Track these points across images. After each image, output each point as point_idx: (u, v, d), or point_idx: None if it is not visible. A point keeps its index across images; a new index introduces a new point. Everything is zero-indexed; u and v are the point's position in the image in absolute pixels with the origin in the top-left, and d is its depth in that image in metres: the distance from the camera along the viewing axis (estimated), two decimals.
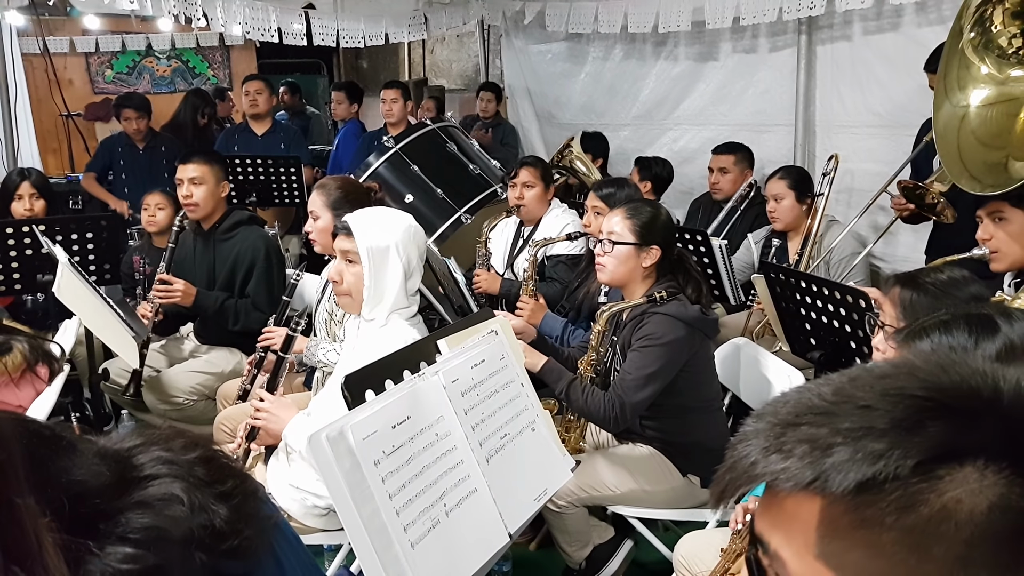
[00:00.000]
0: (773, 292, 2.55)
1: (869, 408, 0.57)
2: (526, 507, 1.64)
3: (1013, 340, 1.11)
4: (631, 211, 2.32)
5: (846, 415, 0.57)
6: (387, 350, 1.80)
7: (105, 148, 5.05)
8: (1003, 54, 2.27)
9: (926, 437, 0.55)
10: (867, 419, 0.56)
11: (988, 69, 2.30)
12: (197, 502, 0.94)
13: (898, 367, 0.60)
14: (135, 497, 0.91)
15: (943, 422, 0.55)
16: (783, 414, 0.60)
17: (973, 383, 0.57)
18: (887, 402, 0.57)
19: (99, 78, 6.86)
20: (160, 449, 0.97)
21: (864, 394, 0.58)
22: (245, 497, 0.98)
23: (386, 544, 1.31)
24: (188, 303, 3.08)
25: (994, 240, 2.23)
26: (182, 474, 0.95)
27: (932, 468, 0.55)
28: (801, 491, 0.57)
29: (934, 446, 0.55)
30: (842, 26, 3.82)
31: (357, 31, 5.12)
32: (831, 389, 0.60)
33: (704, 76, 4.61)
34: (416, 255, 2.11)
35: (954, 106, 2.32)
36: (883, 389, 0.58)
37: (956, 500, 0.54)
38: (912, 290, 1.62)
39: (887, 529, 0.55)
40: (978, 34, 2.29)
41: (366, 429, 1.35)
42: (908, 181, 2.92)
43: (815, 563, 0.58)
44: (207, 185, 3.16)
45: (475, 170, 4.02)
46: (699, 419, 2.28)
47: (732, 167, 3.99)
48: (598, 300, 2.89)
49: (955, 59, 2.33)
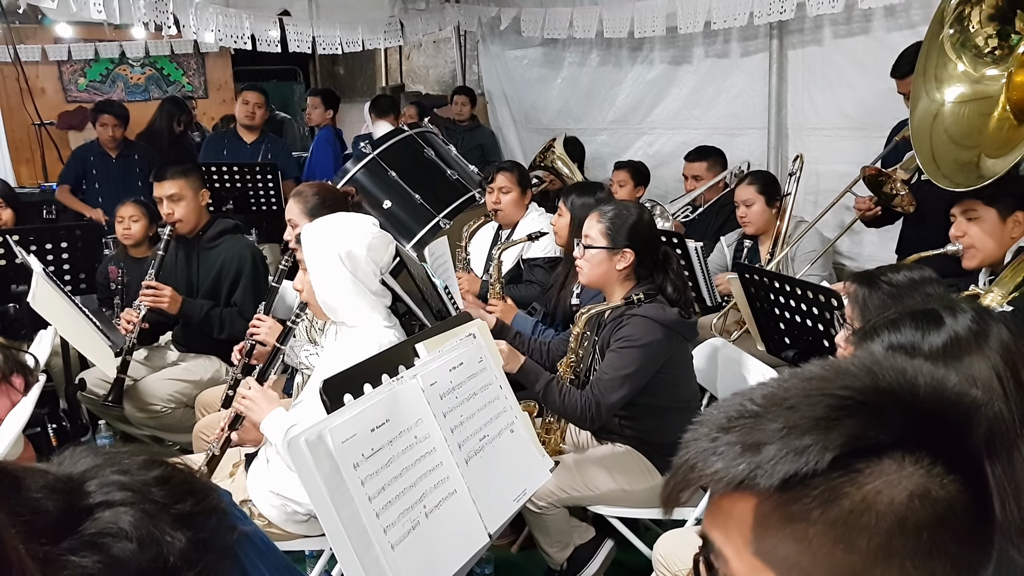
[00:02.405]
0: (748, 292, 2.59)
1: (793, 408, 0.60)
2: (506, 507, 1.66)
3: (958, 332, 1.13)
4: (603, 215, 2.34)
5: (774, 416, 0.60)
6: (360, 353, 1.81)
7: (77, 158, 5.00)
8: (979, 53, 2.32)
9: (841, 432, 0.58)
10: (791, 419, 0.59)
11: (964, 67, 2.35)
12: (147, 534, 0.89)
13: (826, 369, 0.63)
14: (82, 533, 0.87)
15: (857, 417, 0.58)
16: (718, 419, 0.63)
17: (890, 380, 0.60)
18: (809, 402, 0.60)
19: (72, 86, 6.79)
20: (116, 472, 0.93)
21: (791, 396, 0.61)
22: (206, 515, 0.95)
23: (366, 546, 1.32)
24: (175, 310, 3.06)
25: (967, 237, 2.28)
26: (135, 500, 0.91)
27: (851, 462, 0.58)
28: (735, 490, 0.60)
29: (849, 440, 0.57)
30: (813, 30, 3.89)
31: (333, 38, 5.11)
32: (763, 393, 0.63)
33: (678, 80, 4.66)
34: (367, 257, 2.06)
35: (930, 100, 2.37)
36: (807, 390, 0.61)
37: (876, 491, 0.57)
38: (867, 288, 1.65)
39: (813, 523, 0.58)
40: (956, 31, 2.33)
41: (345, 432, 1.36)
42: (872, 168, 2.95)
43: (753, 560, 0.61)
44: (186, 199, 3.14)
45: (453, 175, 4.02)
46: (677, 419, 2.31)
47: (705, 173, 4.03)
48: (570, 302, 2.92)
49: (934, 52, 2.37)
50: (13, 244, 2.94)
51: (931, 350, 1.13)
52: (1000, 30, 2.27)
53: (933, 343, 1.14)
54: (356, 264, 2.05)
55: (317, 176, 5.07)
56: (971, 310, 1.17)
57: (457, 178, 4.03)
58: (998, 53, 2.29)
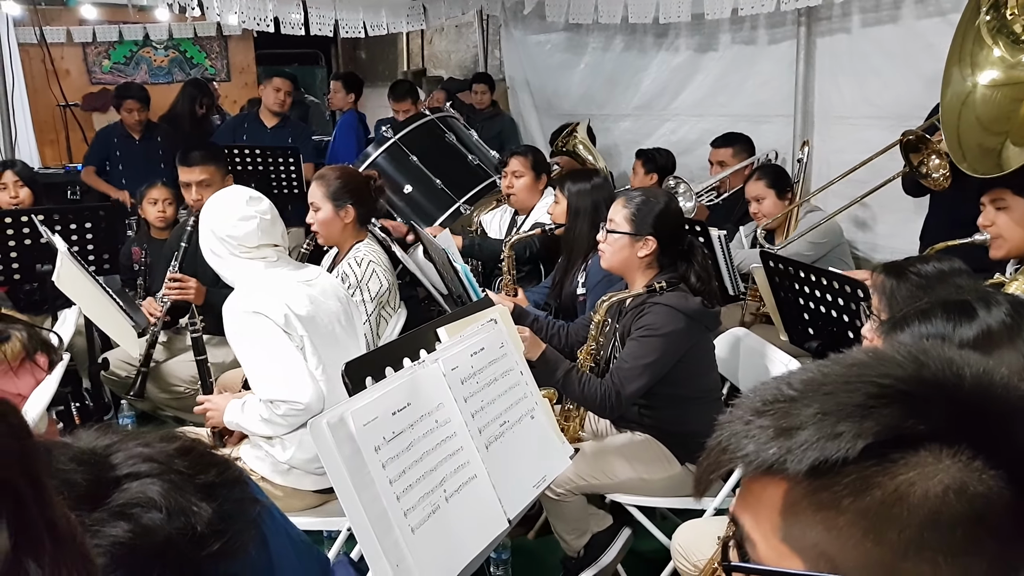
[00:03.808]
0: (772, 282, 2.56)
1: (831, 395, 0.58)
2: (525, 493, 1.65)
3: (991, 325, 1.11)
4: (630, 200, 2.32)
5: (810, 401, 0.59)
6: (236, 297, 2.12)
7: (101, 140, 5.04)
8: (1016, 40, 2.29)
9: (878, 421, 0.56)
10: (827, 405, 0.58)
11: (1000, 52, 2.32)
12: (175, 504, 0.90)
13: (869, 355, 0.62)
14: (111, 504, 0.88)
15: (896, 407, 0.57)
16: (754, 403, 0.62)
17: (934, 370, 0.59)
18: (848, 388, 0.58)
19: (96, 68, 6.83)
20: (138, 444, 0.94)
21: (829, 382, 0.60)
22: (230, 486, 0.96)
23: (386, 529, 1.32)
24: (199, 302, 3.05)
25: (995, 226, 2.24)
26: (162, 470, 0.92)
27: (886, 452, 0.56)
28: (765, 474, 0.59)
29: (885, 429, 0.56)
30: (840, 18, 3.82)
31: (356, 21, 5.10)
32: (802, 378, 0.61)
33: (703, 67, 4.60)
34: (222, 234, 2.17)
35: (963, 80, 2.34)
36: (847, 376, 0.59)
37: (909, 483, 0.55)
38: (894, 279, 1.63)
39: (843, 511, 0.57)
40: (994, 17, 2.31)
41: (367, 415, 1.36)
42: (916, 131, 2.88)
43: (780, 546, 0.60)
44: (215, 185, 3.12)
45: (474, 160, 4.02)
46: (697, 409, 2.29)
47: (730, 159, 3.99)
48: (576, 292, 2.91)
49: (971, 35, 2.35)
50: (39, 224, 2.97)
51: (961, 342, 1.11)
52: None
53: (964, 335, 1.12)
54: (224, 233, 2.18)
55: (340, 160, 5.08)
56: (1007, 303, 1.15)
57: (478, 163, 4.02)
58: None
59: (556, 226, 3.10)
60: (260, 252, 2.21)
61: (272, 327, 2.08)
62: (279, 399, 2.06)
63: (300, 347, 2.12)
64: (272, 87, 4.81)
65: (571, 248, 3.00)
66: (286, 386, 2.06)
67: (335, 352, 2.21)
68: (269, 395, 2.07)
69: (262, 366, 2.09)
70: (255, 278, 2.19)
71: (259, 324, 2.08)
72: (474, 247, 3.44)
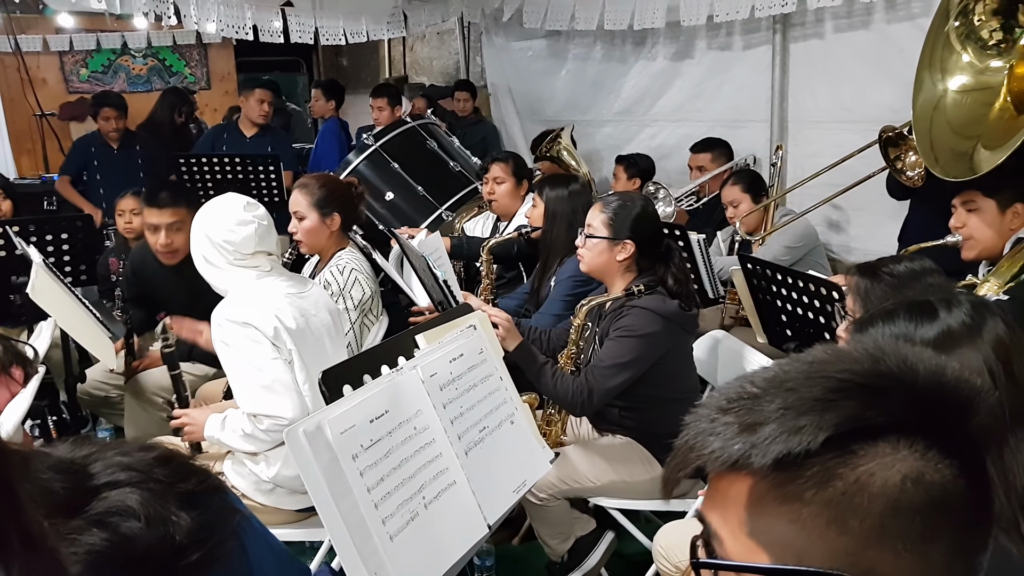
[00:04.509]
0: (750, 285, 2.59)
1: (792, 390, 0.60)
2: (505, 499, 1.66)
3: (951, 326, 1.14)
4: (607, 205, 2.34)
5: (772, 397, 0.60)
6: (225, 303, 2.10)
7: (78, 149, 4.99)
8: (984, 45, 2.35)
9: (837, 413, 0.58)
10: (789, 400, 0.59)
11: (969, 57, 2.37)
12: (154, 513, 0.89)
13: (828, 352, 0.63)
14: (90, 513, 0.87)
15: (855, 399, 0.58)
16: (719, 401, 0.63)
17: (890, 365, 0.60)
18: (809, 383, 0.60)
19: (73, 77, 6.78)
20: (117, 454, 0.94)
21: (791, 378, 0.61)
22: (210, 495, 0.96)
23: (365, 537, 1.32)
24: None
25: (966, 228, 2.28)
26: (141, 479, 0.91)
27: (846, 443, 0.58)
28: (731, 470, 0.61)
29: (844, 421, 0.58)
30: (814, 23, 3.87)
31: (336, 29, 5.10)
32: (764, 376, 0.63)
33: (681, 73, 4.64)
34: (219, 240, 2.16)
35: (934, 86, 2.38)
36: (808, 372, 0.61)
37: (869, 473, 0.57)
38: (868, 279, 1.66)
39: (807, 503, 0.58)
40: (962, 24, 2.37)
41: (344, 423, 1.36)
42: (895, 127, 2.92)
43: (747, 540, 0.61)
44: (187, 227, 2.75)
45: (455, 167, 4.03)
46: (678, 410, 2.25)
47: (709, 164, 4.03)
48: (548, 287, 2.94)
49: (940, 41, 2.40)
50: (13, 235, 2.94)
51: (923, 342, 1.14)
52: (1004, 24, 2.30)
53: (925, 335, 1.14)
54: (213, 243, 2.17)
55: (322, 168, 5.07)
56: (967, 303, 1.17)
57: (460, 170, 4.03)
58: (1003, 47, 2.30)
59: (532, 229, 3.12)
60: (254, 260, 2.19)
61: (260, 338, 2.05)
62: (263, 413, 2.03)
63: (288, 360, 2.09)
64: (256, 98, 4.77)
65: (548, 252, 3.03)
66: (271, 400, 2.03)
67: (322, 365, 2.18)
68: (253, 409, 2.04)
69: (247, 378, 2.06)
70: (247, 287, 2.16)
71: (247, 335, 2.05)
72: (462, 247, 3.45)
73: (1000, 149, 2.08)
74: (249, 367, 2.05)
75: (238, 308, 2.09)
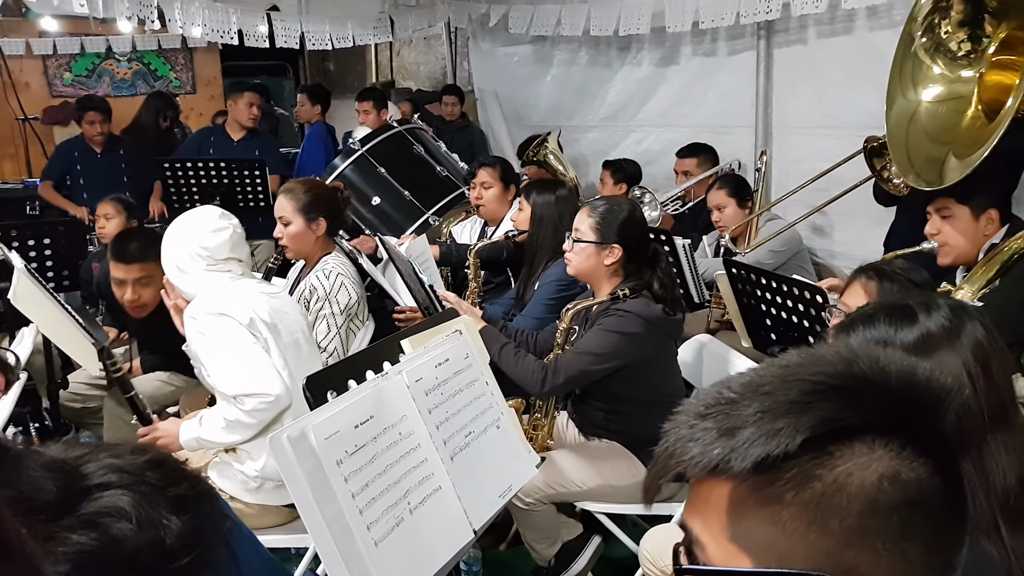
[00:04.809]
0: (735, 289, 2.60)
1: (768, 394, 0.61)
2: (491, 504, 1.66)
3: (930, 329, 1.15)
4: (594, 209, 2.35)
5: (749, 402, 0.61)
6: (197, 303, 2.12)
7: (61, 154, 4.95)
8: (954, 57, 2.37)
9: (813, 415, 0.59)
10: (765, 403, 0.60)
11: (941, 69, 2.40)
12: (145, 516, 0.89)
13: (803, 356, 0.64)
14: (82, 512, 0.87)
15: (830, 401, 0.59)
16: (697, 408, 0.64)
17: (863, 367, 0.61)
18: (784, 387, 0.61)
19: (57, 81, 6.72)
20: (110, 455, 0.94)
21: (767, 382, 0.62)
22: (201, 500, 0.96)
23: (349, 544, 1.32)
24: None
25: (941, 235, 2.31)
26: (133, 482, 0.91)
27: (823, 445, 0.59)
28: (711, 475, 0.61)
29: (820, 423, 0.58)
30: (798, 30, 3.90)
31: (322, 33, 5.09)
32: (741, 381, 0.64)
33: (667, 79, 4.67)
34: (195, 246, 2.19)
35: (907, 101, 2.41)
36: (783, 376, 0.62)
37: (847, 474, 0.58)
38: (887, 280, 1.70)
39: (787, 505, 0.59)
40: (929, 39, 2.39)
41: (328, 429, 1.36)
42: (877, 139, 2.95)
43: (729, 545, 0.62)
44: (156, 282, 2.66)
45: (442, 172, 4.03)
46: (662, 413, 2.27)
47: (695, 169, 4.05)
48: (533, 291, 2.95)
49: (908, 61, 2.43)
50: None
51: (903, 345, 1.15)
52: (971, 34, 2.33)
53: (905, 338, 1.15)
54: (188, 254, 2.20)
55: (308, 172, 5.05)
56: (946, 307, 1.19)
57: (446, 175, 4.03)
58: (972, 57, 2.34)
59: (518, 232, 3.12)
60: (227, 265, 2.22)
61: (237, 326, 2.09)
62: (246, 393, 2.05)
63: (265, 348, 2.13)
64: (245, 101, 4.74)
65: (533, 256, 3.03)
66: (254, 379, 2.05)
67: (299, 361, 2.21)
68: (236, 390, 2.06)
69: (228, 362, 2.08)
70: (221, 286, 2.19)
71: (223, 324, 2.09)
72: (451, 254, 3.45)
73: (970, 158, 2.10)
74: (228, 351, 2.08)
75: (213, 301, 2.13)
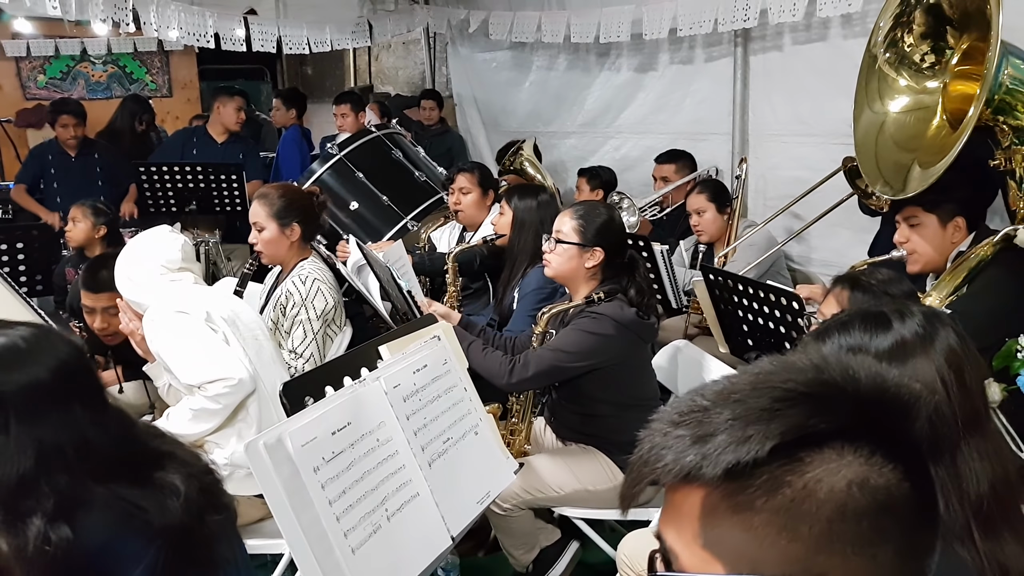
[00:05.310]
0: (712, 294, 2.63)
1: (740, 401, 0.61)
2: (469, 510, 1.66)
3: (905, 336, 1.17)
4: (576, 212, 2.37)
5: (722, 409, 0.61)
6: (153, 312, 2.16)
7: (35, 157, 4.88)
8: (918, 69, 2.41)
9: (783, 422, 0.59)
10: (737, 411, 0.61)
11: (906, 81, 2.44)
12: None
13: (775, 364, 0.65)
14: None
15: (800, 408, 0.60)
16: (671, 415, 0.64)
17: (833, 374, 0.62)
18: (756, 394, 0.61)
19: (31, 83, 6.63)
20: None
21: (739, 390, 0.63)
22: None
23: (326, 551, 1.31)
24: None
25: (910, 243, 2.35)
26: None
27: (793, 451, 0.59)
28: (684, 482, 0.62)
29: (790, 429, 0.59)
30: (774, 37, 3.94)
31: (300, 37, 5.06)
32: (714, 389, 0.64)
33: (645, 86, 4.69)
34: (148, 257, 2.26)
35: (875, 113, 2.44)
36: (754, 384, 0.63)
37: (816, 480, 0.59)
38: (860, 290, 1.71)
39: (758, 512, 0.59)
40: (893, 54, 2.43)
41: (305, 436, 1.35)
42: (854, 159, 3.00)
43: (702, 552, 0.62)
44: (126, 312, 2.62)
45: (421, 177, 4.02)
46: (637, 417, 2.30)
47: (673, 175, 4.08)
48: (513, 303, 2.96)
49: (873, 76, 2.47)
50: None
51: (878, 352, 1.16)
52: (935, 45, 2.36)
53: (880, 345, 1.17)
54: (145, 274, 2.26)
55: (283, 176, 5.02)
56: (920, 314, 1.20)
57: (425, 180, 4.03)
58: (936, 68, 2.38)
59: (497, 236, 3.12)
60: (180, 274, 2.28)
61: (195, 320, 2.14)
62: (209, 380, 2.08)
63: (225, 340, 2.18)
64: (234, 106, 4.69)
65: (514, 261, 3.04)
66: (215, 366, 2.09)
67: (261, 356, 2.25)
68: (199, 379, 2.09)
69: (188, 354, 2.12)
70: (175, 293, 2.24)
71: (181, 320, 2.14)
72: (424, 263, 3.44)
73: (934, 167, 2.13)
74: (188, 343, 2.13)
75: (169, 302, 2.18)
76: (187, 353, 2.12)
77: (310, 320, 2.65)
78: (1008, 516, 1.09)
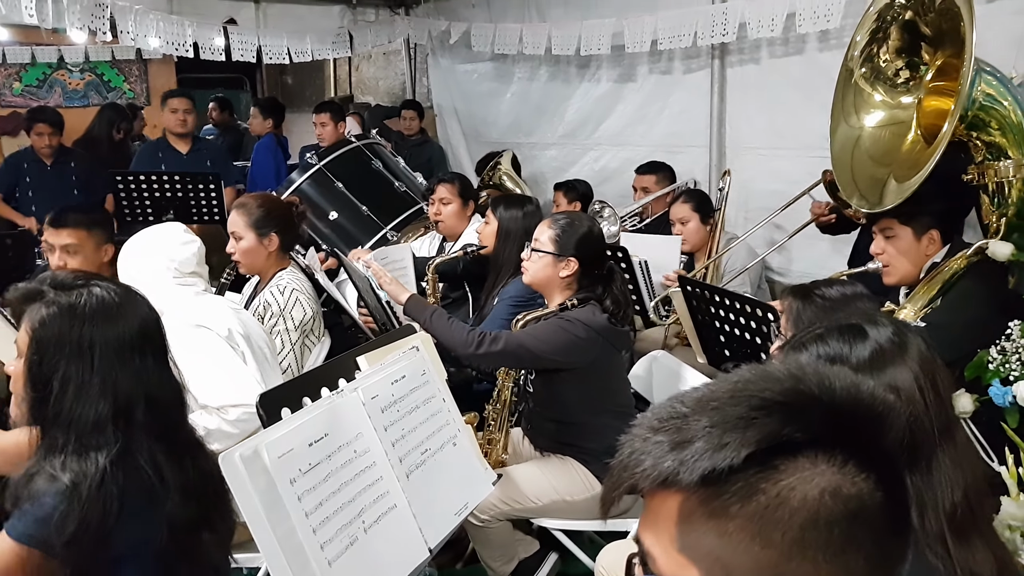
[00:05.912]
0: (690, 305, 2.64)
1: (718, 409, 0.62)
2: (447, 522, 1.65)
3: (881, 343, 1.18)
4: (555, 222, 2.39)
5: (700, 416, 0.63)
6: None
7: (10, 165, 4.83)
8: (893, 84, 2.45)
9: (759, 430, 0.61)
10: (715, 418, 0.62)
11: (882, 96, 2.47)
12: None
13: (753, 372, 0.66)
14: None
15: (775, 416, 0.61)
16: (651, 421, 0.65)
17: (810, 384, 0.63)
18: (733, 402, 0.62)
19: (6, 91, 6.56)
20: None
21: (717, 398, 0.64)
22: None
23: (303, 564, 1.30)
24: None
25: (885, 255, 2.38)
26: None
27: (768, 459, 0.60)
28: (662, 487, 0.63)
29: (765, 437, 0.60)
30: (752, 50, 3.99)
31: (280, 47, 5.05)
32: (693, 396, 0.65)
33: (624, 98, 4.73)
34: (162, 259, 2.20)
35: (851, 127, 2.47)
36: (732, 392, 0.64)
37: (790, 487, 0.60)
38: (801, 301, 1.71)
39: (732, 518, 0.60)
40: (868, 69, 2.46)
41: (282, 447, 1.34)
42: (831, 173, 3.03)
43: (678, 556, 0.63)
44: (83, 254, 2.61)
45: (400, 187, 4.02)
46: (612, 424, 2.33)
47: (654, 186, 4.11)
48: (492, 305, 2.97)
49: (849, 91, 2.50)
50: None
51: (859, 361, 1.18)
52: (909, 61, 2.40)
53: (860, 354, 1.18)
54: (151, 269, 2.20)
55: (258, 184, 4.99)
56: (891, 324, 1.22)
57: (405, 190, 4.03)
58: (911, 83, 2.41)
59: (480, 247, 3.13)
60: (191, 279, 2.23)
61: (216, 338, 2.09)
62: (230, 403, 2.02)
63: (243, 360, 2.14)
64: (168, 108, 4.54)
65: (498, 270, 3.04)
66: (237, 391, 2.03)
67: (267, 375, 2.22)
68: (219, 401, 2.03)
69: (209, 374, 2.04)
70: (189, 301, 2.19)
71: (203, 336, 2.08)
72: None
73: (909, 181, 2.16)
74: (209, 363, 2.06)
75: (189, 313, 2.12)
76: (207, 372, 2.03)
77: (288, 331, 2.63)
78: (979, 523, 1.11)
